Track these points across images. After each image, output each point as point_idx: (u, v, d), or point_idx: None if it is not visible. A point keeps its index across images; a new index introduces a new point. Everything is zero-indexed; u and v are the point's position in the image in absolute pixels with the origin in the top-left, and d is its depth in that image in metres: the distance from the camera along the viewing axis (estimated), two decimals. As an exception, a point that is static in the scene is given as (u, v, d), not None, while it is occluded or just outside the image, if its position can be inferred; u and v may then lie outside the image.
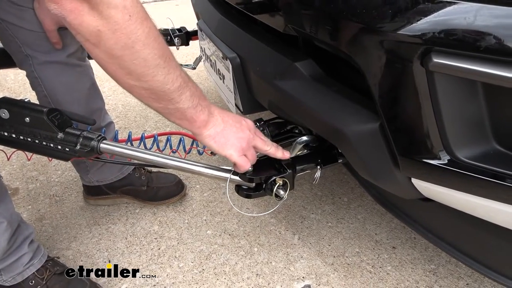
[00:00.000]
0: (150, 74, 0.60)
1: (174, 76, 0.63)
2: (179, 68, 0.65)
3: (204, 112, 0.71)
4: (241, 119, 0.79)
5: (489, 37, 0.49)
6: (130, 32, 0.55)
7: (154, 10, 4.04)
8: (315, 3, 0.66)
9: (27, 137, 0.86)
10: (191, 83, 0.68)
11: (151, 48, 0.58)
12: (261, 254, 1.18)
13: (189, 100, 0.67)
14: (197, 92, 0.69)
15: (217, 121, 0.74)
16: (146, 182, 1.34)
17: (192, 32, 1.68)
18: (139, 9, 0.56)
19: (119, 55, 0.57)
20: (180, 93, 0.65)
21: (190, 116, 0.69)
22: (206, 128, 0.72)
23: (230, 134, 0.75)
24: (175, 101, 0.66)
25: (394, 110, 0.63)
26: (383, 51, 0.57)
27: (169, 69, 0.62)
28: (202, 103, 0.70)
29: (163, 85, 0.62)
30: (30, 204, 1.40)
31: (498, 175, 0.59)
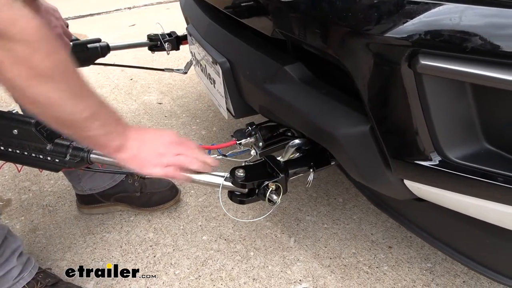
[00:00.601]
0: (56, 105, 0.60)
1: (83, 107, 0.63)
2: (91, 97, 0.65)
3: (118, 139, 0.71)
4: (160, 135, 0.79)
5: (475, 38, 0.48)
6: (32, 66, 0.55)
7: (145, 13, 4.05)
8: (301, 7, 0.66)
9: (16, 149, 0.85)
10: (104, 111, 0.68)
11: (56, 82, 0.59)
12: (258, 258, 1.17)
13: (100, 128, 0.67)
14: (110, 120, 0.70)
15: (132, 145, 0.74)
16: (140, 188, 1.33)
17: (182, 36, 1.67)
18: (45, 42, 0.56)
19: (22, 86, 0.57)
20: (90, 122, 0.65)
21: (102, 142, 0.70)
22: (121, 153, 0.73)
23: (147, 154, 0.75)
24: (84, 130, 0.66)
25: (384, 112, 0.62)
26: (371, 54, 0.57)
27: (77, 101, 0.62)
28: (116, 129, 0.71)
29: (70, 115, 0.63)
30: (23, 215, 1.38)
31: (489, 174, 0.59)
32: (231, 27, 1.05)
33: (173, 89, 2.26)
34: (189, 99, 2.14)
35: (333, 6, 0.60)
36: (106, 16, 3.98)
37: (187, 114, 1.98)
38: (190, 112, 2.00)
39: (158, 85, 2.32)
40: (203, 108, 2.03)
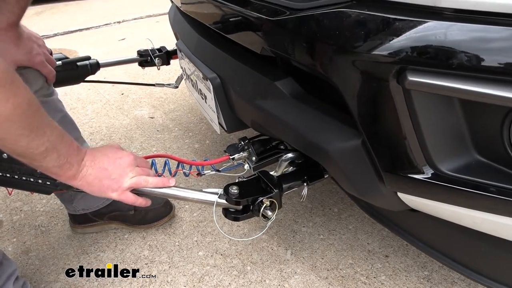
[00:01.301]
0: (11, 142, 0.64)
1: (39, 142, 0.66)
2: (48, 134, 0.68)
3: (71, 169, 0.74)
4: (116, 158, 0.81)
5: (461, 54, 0.49)
6: None
7: (134, 27, 4.05)
8: (289, 25, 0.66)
9: (6, 173, 0.84)
10: (62, 145, 0.71)
11: (14, 122, 0.61)
12: (255, 273, 1.16)
13: (54, 160, 0.70)
14: (67, 152, 0.72)
15: (86, 172, 0.76)
16: (133, 206, 1.32)
17: (172, 51, 1.67)
18: (5, 88, 0.58)
19: None
20: (45, 155, 0.68)
21: (55, 172, 0.73)
22: (75, 180, 0.76)
23: (102, 180, 0.78)
24: (38, 161, 0.69)
25: (374, 127, 0.63)
26: (359, 71, 0.58)
27: (34, 137, 0.65)
28: (71, 160, 0.73)
29: (26, 149, 0.66)
30: (15, 236, 1.36)
31: (481, 185, 0.60)
32: (220, 43, 1.05)
33: (165, 103, 2.26)
34: (181, 112, 2.14)
35: (320, 24, 0.61)
36: (96, 31, 3.98)
37: (180, 127, 1.98)
38: (183, 125, 2.00)
39: (149, 99, 2.31)
40: (196, 121, 2.03)
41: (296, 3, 0.66)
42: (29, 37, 1.03)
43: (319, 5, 0.62)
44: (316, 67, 0.65)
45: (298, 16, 0.65)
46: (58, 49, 3.24)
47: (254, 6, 0.77)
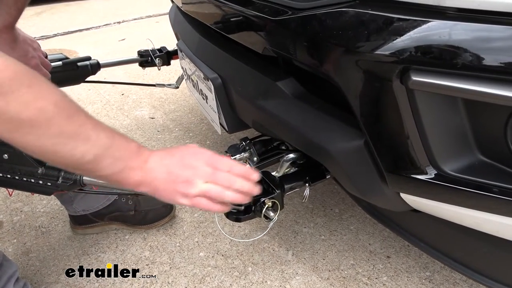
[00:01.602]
0: (50, 153, 0.57)
1: (83, 150, 0.58)
2: (93, 138, 0.59)
3: (136, 174, 0.65)
4: (184, 157, 0.69)
5: (465, 54, 0.49)
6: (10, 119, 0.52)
7: (134, 27, 4.05)
8: (291, 25, 0.66)
9: (7, 174, 0.84)
10: (114, 149, 0.62)
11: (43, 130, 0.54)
12: (256, 274, 1.16)
13: (111, 167, 0.62)
14: (124, 155, 0.63)
15: (153, 177, 0.66)
16: (134, 206, 1.31)
17: (172, 51, 1.67)
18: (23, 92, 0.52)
19: (8, 137, 0.54)
20: (97, 163, 0.60)
21: (119, 180, 0.65)
22: (143, 187, 0.67)
23: (171, 185, 0.67)
24: (94, 170, 0.62)
25: (377, 128, 0.62)
26: (362, 71, 0.57)
27: (75, 145, 0.57)
28: (132, 164, 0.64)
29: (71, 161, 0.58)
30: (16, 237, 1.36)
31: (484, 186, 0.59)
32: (221, 43, 1.05)
33: (165, 103, 2.26)
34: (181, 113, 2.13)
35: (323, 24, 0.61)
36: (96, 31, 3.98)
37: (180, 128, 1.98)
38: (183, 126, 1.99)
39: (149, 99, 2.31)
40: (196, 121, 2.03)
41: (298, 3, 0.66)
42: (25, 40, 1.02)
43: (322, 4, 0.62)
44: (318, 67, 0.64)
45: (301, 16, 0.64)
46: (58, 49, 3.24)
47: (256, 6, 0.77)
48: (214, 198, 0.69)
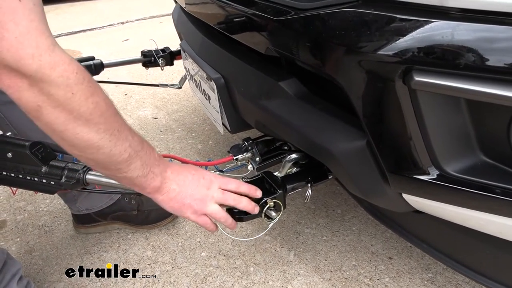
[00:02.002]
0: (94, 147, 0.59)
1: (122, 148, 0.62)
2: (130, 138, 0.64)
3: (156, 180, 0.70)
4: (200, 178, 0.76)
5: (468, 54, 0.49)
6: (72, 109, 0.54)
7: (138, 28, 4.07)
8: (294, 25, 0.66)
9: (11, 172, 0.84)
10: (143, 152, 0.67)
11: (95, 124, 0.57)
12: (258, 274, 1.16)
13: (138, 169, 0.66)
14: (150, 160, 0.68)
15: (170, 187, 0.72)
16: (137, 206, 1.32)
17: (176, 52, 1.68)
18: (84, 86, 0.55)
19: (61, 129, 0.56)
20: (128, 163, 0.64)
21: (140, 184, 0.68)
22: (159, 194, 0.71)
23: (185, 198, 0.73)
24: (122, 171, 0.65)
25: (380, 128, 0.62)
26: (365, 71, 0.57)
27: (116, 142, 0.61)
28: (154, 170, 0.69)
29: (109, 157, 0.61)
30: (19, 236, 1.36)
31: (487, 187, 0.59)
32: (224, 43, 1.05)
33: (168, 103, 2.26)
34: (184, 113, 2.14)
35: (326, 24, 0.61)
36: (99, 32, 3.99)
37: (183, 128, 1.98)
38: (186, 126, 2.00)
39: (152, 99, 2.32)
40: (199, 121, 2.03)
41: (301, 3, 0.66)
42: None
43: (325, 5, 0.62)
44: (321, 67, 0.64)
45: (304, 16, 0.65)
46: (62, 49, 3.25)
47: (259, 6, 0.77)
48: (218, 218, 0.77)
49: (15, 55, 0.49)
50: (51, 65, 0.51)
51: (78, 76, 0.54)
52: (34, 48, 0.50)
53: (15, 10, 0.48)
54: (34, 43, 0.50)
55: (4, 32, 0.47)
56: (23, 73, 0.50)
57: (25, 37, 0.49)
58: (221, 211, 0.77)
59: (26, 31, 0.49)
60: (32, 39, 0.50)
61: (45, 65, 0.51)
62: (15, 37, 0.48)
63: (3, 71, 0.50)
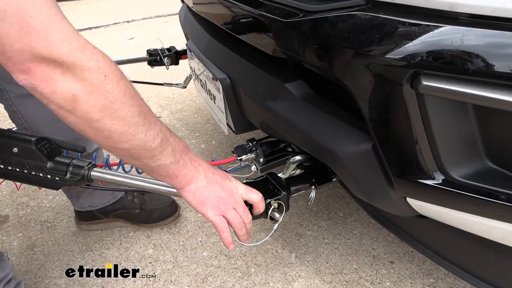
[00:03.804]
0: (130, 133, 0.58)
1: (154, 132, 0.61)
2: (159, 123, 0.63)
3: (187, 167, 0.69)
4: (226, 178, 0.76)
5: (477, 60, 0.49)
6: (107, 92, 0.54)
7: (143, 27, 4.08)
8: (303, 27, 0.66)
9: (16, 167, 0.84)
10: (172, 138, 0.66)
11: (129, 106, 0.56)
12: (258, 275, 1.16)
13: (171, 155, 0.65)
14: (179, 146, 0.67)
15: (199, 177, 0.71)
16: (139, 205, 1.32)
17: (181, 51, 1.68)
18: (113, 68, 0.55)
19: (97, 117, 0.55)
20: (162, 149, 0.63)
21: (173, 172, 0.67)
22: (188, 183, 0.70)
23: (210, 193, 0.72)
24: (156, 158, 0.63)
25: (386, 131, 0.62)
26: (372, 75, 0.57)
27: (149, 126, 0.60)
28: (184, 157, 0.68)
29: (144, 143, 0.60)
30: (21, 231, 1.37)
31: (492, 193, 0.59)
32: (231, 44, 1.05)
33: (172, 102, 2.27)
34: (188, 112, 2.14)
35: (335, 27, 0.61)
36: (105, 30, 4.01)
37: (186, 127, 1.98)
38: (189, 125, 2.00)
39: (157, 98, 2.32)
40: (202, 121, 2.03)
41: (310, 5, 0.66)
42: None
43: (334, 7, 0.62)
44: (328, 70, 0.65)
45: (312, 19, 0.65)
46: (67, 46, 3.26)
47: (267, 7, 0.77)
48: (235, 225, 0.76)
49: (45, 41, 0.47)
50: (80, 48, 0.50)
51: (106, 59, 0.54)
52: (61, 32, 0.49)
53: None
54: (60, 28, 0.49)
55: (28, 19, 0.46)
56: (55, 60, 0.49)
57: (50, 23, 0.48)
58: (239, 217, 0.76)
59: (49, 17, 0.48)
60: (57, 24, 0.49)
61: (75, 48, 0.50)
62: (40, 23, 0.47)
63: (33, 63, 0.48)
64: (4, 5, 0.45)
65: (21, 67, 0.49)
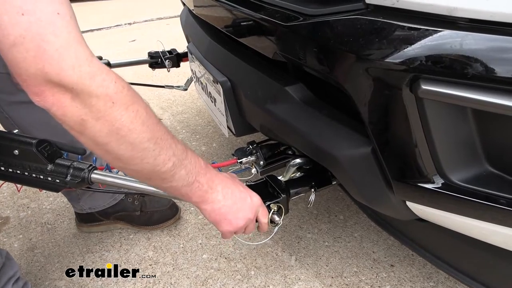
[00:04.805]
0: (138, 158, 0.58)
1: (166, 157, 0.61)
2: (173, 147, 0.63)
3: (202, 189, 0.69)
4: (246, 197, 0.76)
5: (476, 64, 0.49)
6: (113, 119, 0.54)
7: (145, 29, 4.09)
8: (303, 31, 0.67)
9: (16, 169, 0.85)
10: (188, 160, 0.65)
11: (138, 133, 0.57)
12: (258, 278, 1.16)
13: (183, 178, 0.65)
14: (195, 169, 0.67)
15: (216, 198, 0.71)
16: (140, 207, 1.32)
17: (182, 54, 1.68)
18: (124, 94, 0.55)
19: (105, 142, 0.56)
20: (173, 173, 0.63)
21: (185, 193, 0.68)
22: (203, 203, 0.71)
23: (229, 213, 0.73)
24: (167, 181, 0.64)
25: (385, 135, 0.63)
26: (372, 79, 0.58)
27: (160, 151, 0.60)
28: (200, 179, 0.68)
29: (154, 167, 0.61)
30: (21, 233, 1.37)
31: (491, 197, 0.59)
32: (232, 47, 1.06)
33: (173, 104, 2.27)
34: (188, 114, 2.15)
35: (335, 31, 0.61)
36: (107, 32, 4.02)
37: (187, 130, 1.99)
38: (190, 128, 2.00)
39: (157, 100, 2.33)
40: (203, 124, 2.04)
41: (310, 9, 0.66)
42: None
43: (334, 11, 0.62)
44: (328, 74, 0.65)
45: (312, 22, 0.65)
46: (69, 48, 3.27)
47: (267, 11, 0.78)
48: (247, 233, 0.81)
49: (56, 67, 0.49)
50: (91, 75, 0.51)
51: (117, 85, 0.54)
52: (74, 59, 0.50)
53: (54, 22, 0.48)
54: (73, 54, 0.50)
55: (45, 45, 0.47)
56: (65, 86, 0.50)
57: (65, 49, 0.49)
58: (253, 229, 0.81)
59: (65, 43, 0.49)
60: (72, 50, 0.50)
61: (85, 75, 0.51)
62: (55, 49, 0.48)
63: (46, 87, 0.50)
64: (25, 31, 0.46)
65: (34, 89, 0.50)
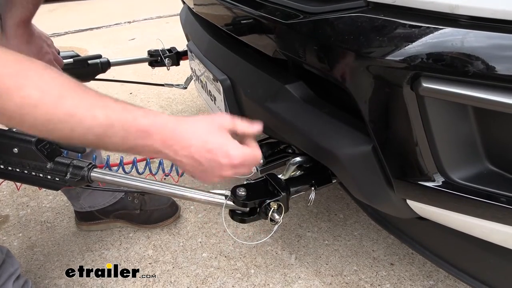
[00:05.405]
0: (51, 131, 0.55)
1: (82, 131, 0.55)
2: (90, 118, 0.56)
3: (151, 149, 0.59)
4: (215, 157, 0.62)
5: (477, 62, 0.49)
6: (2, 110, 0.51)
7: (145, 27, 4.07)
8: (303, 29, 0.66)
9: (16, 167, 0.84)
10: (115, 130, 0.58)
11: (34, 116, 0.52)
12: (258, 276, 1.16)
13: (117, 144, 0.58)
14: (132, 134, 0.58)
15: (175, 158, 0.61)
16: (139, 206, 1.32)
17: (182, 52, 1.68)
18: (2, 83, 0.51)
19: (10, 125, 0.58)
20: (104, 142, 0.57)
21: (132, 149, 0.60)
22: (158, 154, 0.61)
23: (195, 173, 0.64)
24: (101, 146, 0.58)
25: (386, 133, 0.62)
26: (372, 77, 0.57)
27: (74, 124, 0.55)
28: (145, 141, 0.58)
29: (77, 137, 0.56)
30: (21, 231, 1.37)
31: (492, 195, 0.59)
32: (231, 45, 1.05)
33: (173, 103, 2.27)
34: (188, 113, 2.14)
35: (335, 28, 0.61)
36: (106, 30, 4.01)
37: (187, 128, 1.98)
38: (190, 126, 2.00)
39: (157, 99, 2.32)
40: (203, 122, 2.03)
41: (310, 7, 0.66)
42: (40, 36, 1.04)
43: (334, 9, 0.62)
44: (328, 71, 0.65)
45: (313, 20, 0.65)
46: (68, 47, 3.27)
47: (267, 9, 0.77)
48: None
49: None
50: None
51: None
52: None
53: None
54: None
55: None
56: None
57: None
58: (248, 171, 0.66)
59: None
60: None
61: None
62: None
63: None
64: None
65: None
